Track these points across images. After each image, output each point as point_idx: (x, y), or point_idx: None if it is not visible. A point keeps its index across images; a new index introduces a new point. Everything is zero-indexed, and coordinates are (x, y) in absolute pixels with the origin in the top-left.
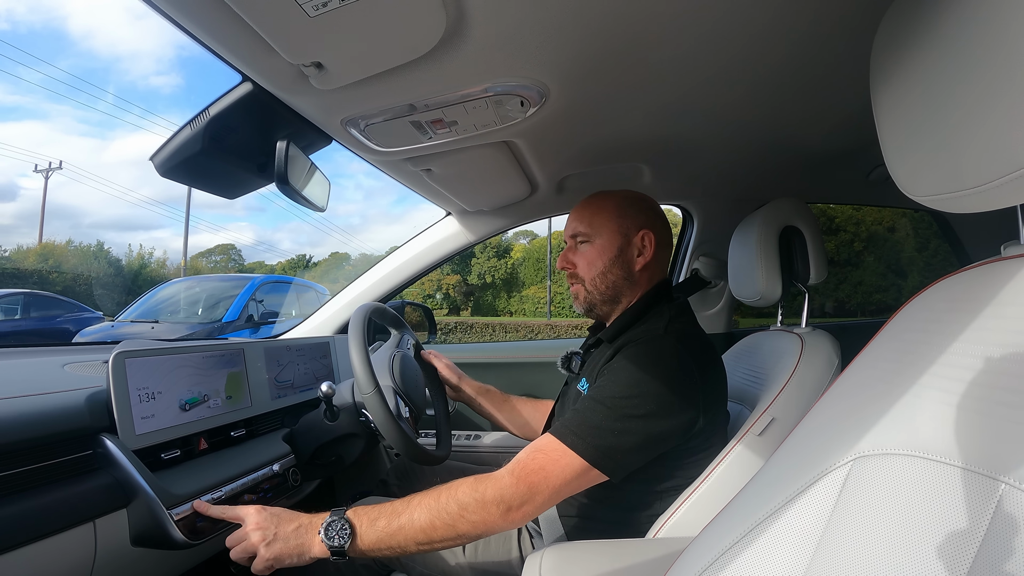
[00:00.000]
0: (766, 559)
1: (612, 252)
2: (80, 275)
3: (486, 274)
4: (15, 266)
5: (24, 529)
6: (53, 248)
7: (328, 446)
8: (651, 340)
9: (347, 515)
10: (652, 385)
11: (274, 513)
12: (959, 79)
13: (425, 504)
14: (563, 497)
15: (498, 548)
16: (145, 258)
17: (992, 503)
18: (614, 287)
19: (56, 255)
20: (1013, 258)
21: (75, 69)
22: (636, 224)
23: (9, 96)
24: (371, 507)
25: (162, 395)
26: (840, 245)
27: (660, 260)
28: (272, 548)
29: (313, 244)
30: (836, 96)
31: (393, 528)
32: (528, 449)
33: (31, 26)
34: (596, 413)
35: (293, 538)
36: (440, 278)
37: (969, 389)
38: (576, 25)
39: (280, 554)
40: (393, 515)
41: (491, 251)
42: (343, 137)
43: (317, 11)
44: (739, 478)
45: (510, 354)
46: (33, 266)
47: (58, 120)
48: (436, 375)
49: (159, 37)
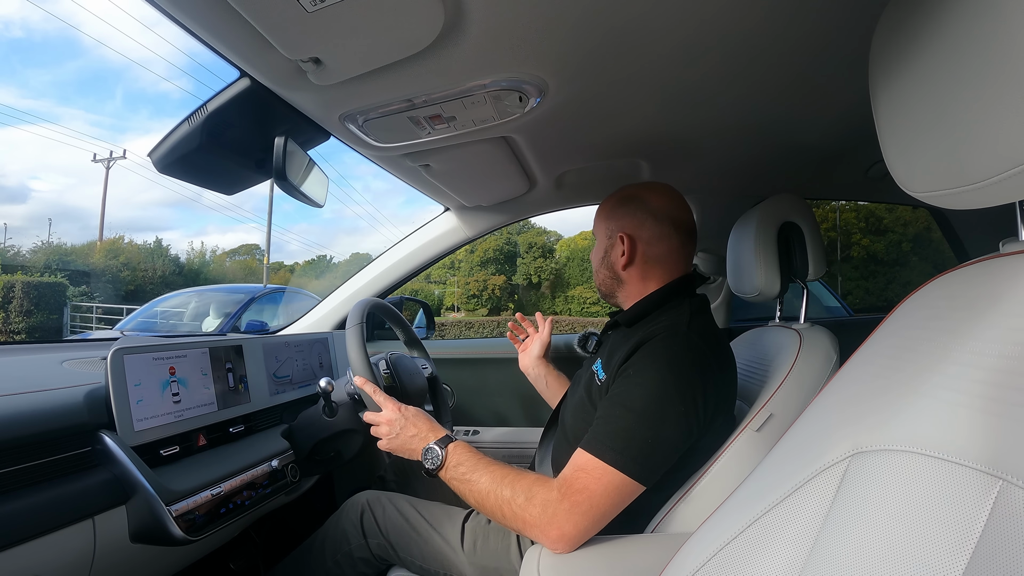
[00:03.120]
0: (764, 554)
1: (600, 253)
2: (148, 272)
3: (532, 275)
4: (92, 263)
5: (23, 526)
6: (120, 245)
7: (327, 442)
8: (674, 336)
9: (447, 448)
10: (679, 385)
11: (405, 415)
12: (958, 75)
13: (494, 475)
14: (612, 518)
15: (497, 544)
16: (206, 256)
17: (990, 499)
18: (606, 284)
19: (124, 252)
20: (1011, 254)
21: (85, 74)
22: (619, 226)
23: (22, 100)
24: (465, 450)
25: (160, 391)
26: (889, 246)
27: (651, 257)
28: (392, 442)
29: (322, 246)
30: (835, 92)
31: (465, 478)
32: (570, 467)
33: (45, 33)
34: (628, 422)
35: (408, 442)
36: (486, 278)
37: (967, 385)
38: (574, 20)
39: (396, 449)
40: (471, 468)
41: (536, 251)
42: (341, 133)
43: (315, 6)
44: (737, 474)
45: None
46: (103, 262)
47: (70, 123)
48: (439, 385)
49: (167, 45)
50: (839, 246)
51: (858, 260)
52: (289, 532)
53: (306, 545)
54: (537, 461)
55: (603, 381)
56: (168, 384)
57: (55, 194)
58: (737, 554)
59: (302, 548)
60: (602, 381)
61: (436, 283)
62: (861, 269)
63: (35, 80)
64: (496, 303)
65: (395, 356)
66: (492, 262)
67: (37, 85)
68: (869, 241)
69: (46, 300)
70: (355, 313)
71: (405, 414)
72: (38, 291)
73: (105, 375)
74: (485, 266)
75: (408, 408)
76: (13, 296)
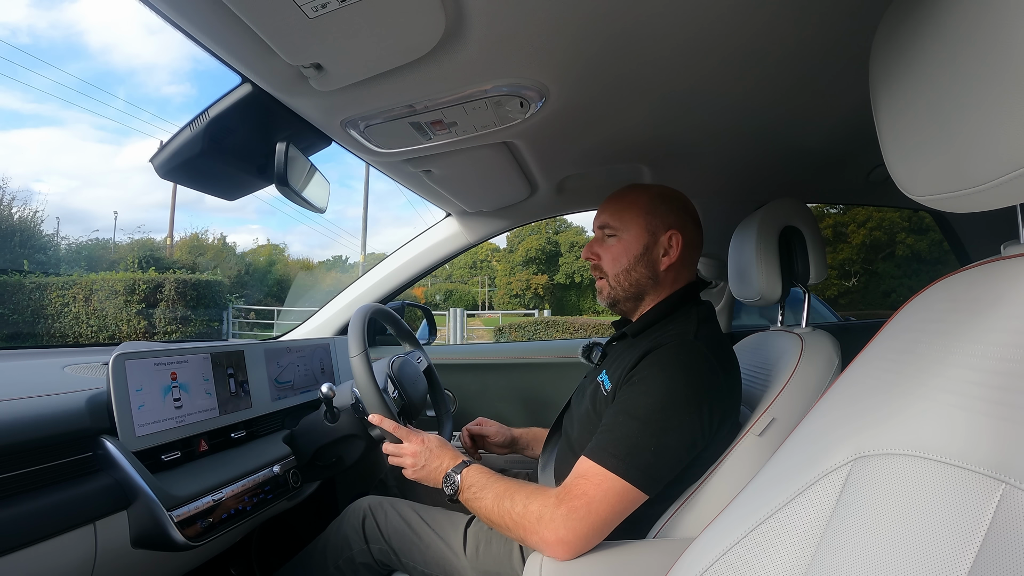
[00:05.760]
0: (767, 560)
1: (638, 250)
2: (227, 270)
3: (575, 274)
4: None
5: (24, 531)
6: (204, 242)
7: (328, 447)
8: (682, 345)
9: (461, 473)
10: (685, 393)
11: (429, 447)
12: (959, 78)
13: (498, 490)
14: (613, 526)
15: (499, 549)
16: (273, 253)
17: (993, 503)
18: (637, 285)
19: (210, 249)
20: (1013, 257)
21: (90, 77)
22: (665, 223)
23: (27, 104)
24: (478, 472)
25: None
26: (932, 244)
27: (687, 261)
28: (419, 473)
29: (323, 247)
30: (836, 96)
31: (476, 497)
32: (572, 475)
33: (52, 40)
34: (632, 430)
35: (433, 473)
36: (529, 278)
37: (970, 388)
38: (575, 25)
39: (422, 479)
40: (481, 487)
41: (577, 250)
42: (342, 138)
43: (316, 12)
44: (739, 478)
45: (510, 355)
46: (186, 259)
47: (75, 127)
48: (437, 380)
49: (174, 51)
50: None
51: (900, 259)
52: (291, 537)
53: (308, 550)
54: (540, 466)
55: (609, 391)
56: (170, 389)
57: (59, 196)
58: (740, 559)
59: (304, 553)
60: (608, 391)
61: (457, 283)
62: (904, 268)
63: (39, 82)
64: (539, 303)
65: (396, 367)
66: (534, 261)
67: (42, 87)
68: (913, 240)
69: (204, 300)
70: (356, 332)
71: (429, 445)
72: (196, 290)
73: (107, 380)
74: (527, 265)
75: (430, 438)
76: (162, 296)
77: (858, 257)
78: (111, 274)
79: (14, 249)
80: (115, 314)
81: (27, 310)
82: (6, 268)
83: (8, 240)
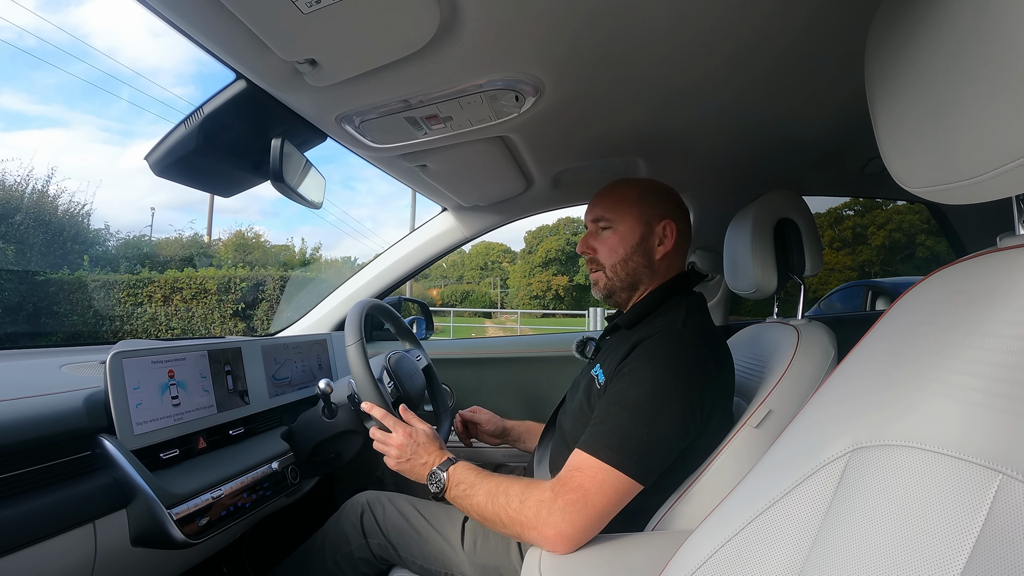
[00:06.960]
0: (765, 551)
1: (634, 239)
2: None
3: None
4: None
5: (24, 531)
6: (249, 240)
7: (326, 443)
8: (670, 334)
9: (448, 470)
10: (675, 383)
11: (415, 441)
12: (953, 70)
13: (490, 486)
14: (610, 517)
15: (497, 543)
16: (308, 252)
17: (990, 493)
18: (634, 274)
19: (258, 248)
20: (1008, 249)
21: (94, 78)
22: (658, 213)
23: (32, 106)
24: (466, 469)
25: (160, 395)
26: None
27: (680, 251)
28: (402, 466)
29: (327, 247)
30: (832, 89)
31: (465, 494)
32: (566, 468)
33: (58, 43)
34: (623, 420)
35: (417, 468)
36: (549, 279)
37: (966, 380)
38: (570, 18)
39: (404, 472)
40: (470, 484)
41: None
42: (338, 134)
43: (310, 7)
44: (737, 471)
45: (507, 349)
46: (237, 258)
47: (80, 128)
48: (436, 378)
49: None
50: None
51: (920, 260)
52: (289, 533)
53: (306, 546)
54: (536, 460)
55: (603, 385)
56: (167, 387)
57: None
58: (738, 551)
59: (302, 549)
60: (602, 385)
61: (472, 284)
62: (923, 269)
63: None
64: (559, 304)
65: (394, 361)
66: (553, 262)
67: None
68: (933, 242)
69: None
70: (353, 323)
71: (416, 439)
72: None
73: (104, 379)
74: (546, 267)
75: (419, 432)
76: (263, 295)
77: (878, 259)
78: (201, 271)
79: (66, 244)
80: (204, 315)
81: (89, 311)
82: (63, 264)
83: (58, 235)
